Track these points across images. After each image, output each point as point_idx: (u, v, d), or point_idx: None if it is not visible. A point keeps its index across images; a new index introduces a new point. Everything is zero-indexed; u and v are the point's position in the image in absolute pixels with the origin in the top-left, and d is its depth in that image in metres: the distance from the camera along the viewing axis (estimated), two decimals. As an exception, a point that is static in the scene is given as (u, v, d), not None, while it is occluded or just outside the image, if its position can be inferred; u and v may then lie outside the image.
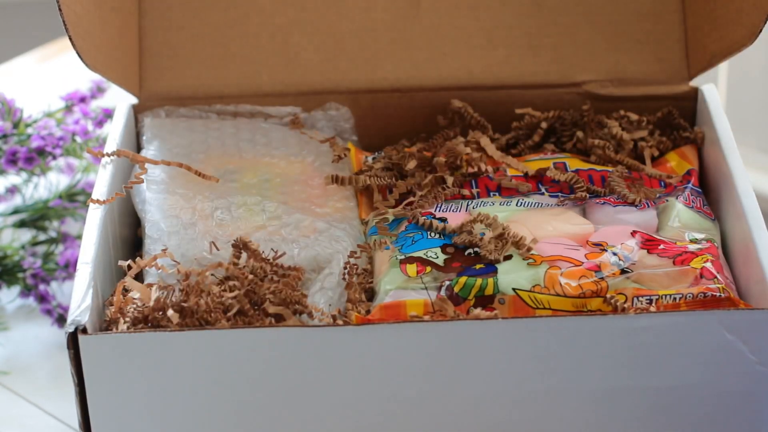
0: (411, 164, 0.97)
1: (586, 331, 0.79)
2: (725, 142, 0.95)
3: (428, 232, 0.89)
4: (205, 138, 1.02)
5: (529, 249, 0.85)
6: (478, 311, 0.81)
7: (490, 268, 0.84)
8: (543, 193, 0.94)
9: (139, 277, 0.89)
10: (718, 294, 0.82)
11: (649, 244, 0.86)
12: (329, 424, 0.82)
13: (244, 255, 0.88)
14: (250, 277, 0.85)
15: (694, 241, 0.88)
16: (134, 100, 1.07)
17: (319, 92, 1.05)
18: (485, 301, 0.83)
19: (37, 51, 1.64)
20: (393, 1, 1.08)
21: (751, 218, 0.87)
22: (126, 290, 0.86)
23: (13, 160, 1.16)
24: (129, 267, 0.87)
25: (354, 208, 0.96)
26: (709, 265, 0.85)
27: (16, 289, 1.18)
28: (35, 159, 1.15)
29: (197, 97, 1.07)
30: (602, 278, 0.83)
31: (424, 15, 1.08)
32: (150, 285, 0.86)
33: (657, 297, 0.83)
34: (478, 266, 0.85)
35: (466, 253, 0.87)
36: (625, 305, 0.82)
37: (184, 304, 0.83)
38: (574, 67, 1.07)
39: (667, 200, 0.92)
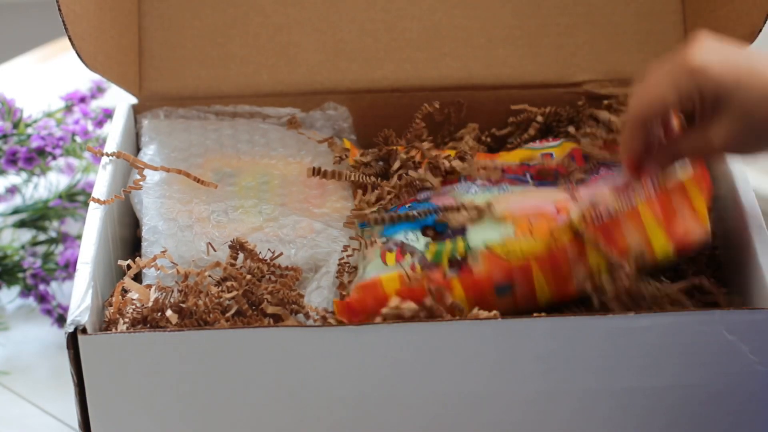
0: (396, 164, 0.97)
1: (585, 331, 0.79)
2: (725, 142, 0.95)
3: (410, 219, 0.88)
4: (204, 140, 1.02)
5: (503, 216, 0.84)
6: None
7: (458, 231, 0.84)
8: (527, 182, 0.93)
9: (138, 278, 0.89)
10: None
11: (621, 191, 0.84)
12: (328, 424, 0.82)
13: (241, 256, 0.88)
14: (248, 277, 0.85)
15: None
16: (134, 100, 1.07)
17: (319, 92, 1.05)
18: (459, 263, 0.82)
19: (37, 51, 1.64)
20: (393, 1, 1.08)
21: (751, 218, 0.87)
22: (125, 291, 0.86)
23: (13, 160, 1.16)
24: (128, 267, 0.87)
25: (352, 208, 0.96)
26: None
27: (16, 289, 1.18)
28: (35, 159, 1.15)
29: (197, 97, 1.07)
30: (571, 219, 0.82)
31: (424, 15, 1.08)
32: (149, 286, 0.86)
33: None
34: (450, 229, 0.84)
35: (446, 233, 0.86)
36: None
37: (183, 305, 0.83)
38: (574, 67, 1.07)
39: None
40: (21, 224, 1.23)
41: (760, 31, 0.97)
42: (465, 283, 0.81)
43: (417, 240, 0.85)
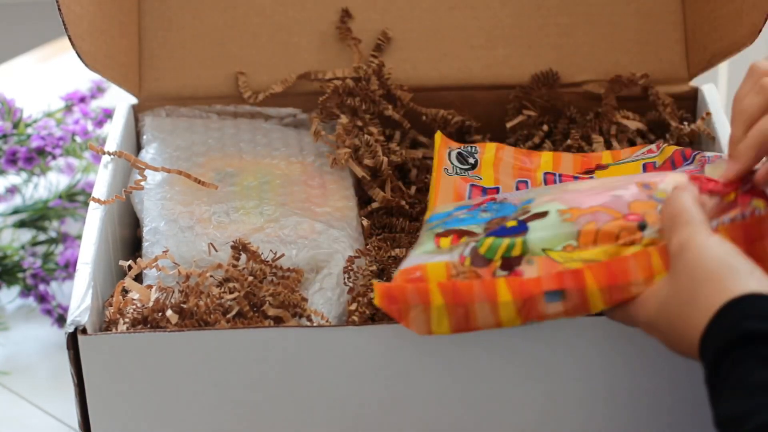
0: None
1: (586, 331, 0.79)
2: (725, 142, 0.95)
3: (477, 214, 0.82)
4: (206, 139, 1.02)
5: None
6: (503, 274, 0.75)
7: (522, 227, 0.77)
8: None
9: (138, 278, 0.89)
10: (756, 211, 0.73)
11: (704, 183, 0.77)
12: (328, 424, 0.82)
13: (243, 257, 0.88)
14: (250, 278, 0.85)
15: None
16: (134, 100, 1.07)
17: (320, 92, 1.05)
18: (512, 262, 0.76)
19: (37, 51, 1.64)
20: (393, 1, 1.08)
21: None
22: (125, 291, 0.86)
23: (13, 160, 1.16)
24: (129, 267, 0.87)
25: (353, 208, 0.96)
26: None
27: (16, 289, 1.18)
28: (35, 159, 1.15)
29: (197, 97, 1.07)
30: (642, 228, 0.75)
31: (424, 15, 1.08)
32: (149, 286, 0.86)
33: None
34: (509, 224, 0.78)
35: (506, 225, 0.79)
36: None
37: (184, 305, 0.83)
38: (574, 67, 1.07)
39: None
40: (21, 224, 1.23)
41: (760, 31, 0.97)
42: (513, 286, 0.74)
43: (478, 232, 0.79)
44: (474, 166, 0.93)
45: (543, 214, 0.77)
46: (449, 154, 0.94)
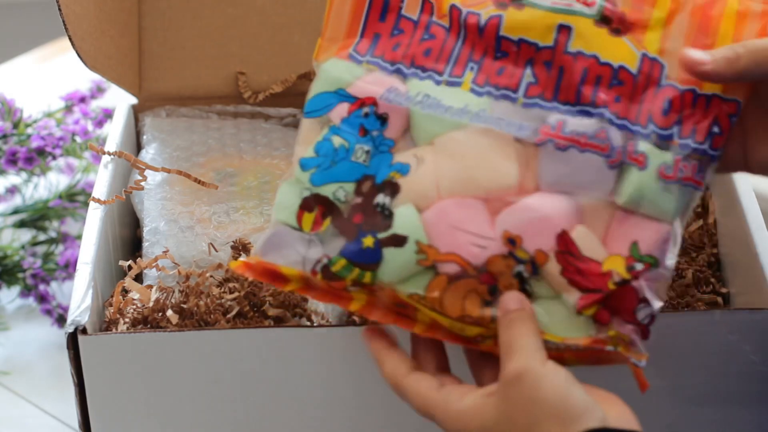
0: None
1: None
2: (725, 142, 0.95)
3: (353, 153, 0.75)
4: (206, 139, 1.02)
5: (421, 251, 0.72)
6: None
7: (376, 255, 0.72)
8: (516, 99, 0.74)
9: (138, 278, 0.89)
10: (608, 348, 0.69)
11: (568, 261, 0.71)
12: (328, 424, 0.82)
13: (243, 257, 0.88)
14: (250, 278, 0.85)
15: (632, 262, 0.70)
16: (134, 100, 1.07)
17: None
18: (363, 285, 0.73)
19: (37, 51, 1.64)
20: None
21: (751, 218, 0.87)
22: (125, 291, 0.86)
23: (13, 160, 1.16)
24: (129, 267, 0.87)
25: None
26: (603, 307, 0.70)
27: (16, 289, 1.17)
28: (35, 159, 1.15)
29: (197, 97, 1.07)
30: (490, 304, 0.71)
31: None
32: (150, 286, 0.86)
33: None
34: (365, 244, 0.73)
35: (375, 202, 0.73)
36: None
37: (184, 305, 0.83)
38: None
39: (644, 156, 0.72)
40: (21, 224, 1.23)
41: (761, 31, 0.97)
42: (366, 307, 0.74)
43: (344, 201, 0.74)
44: None
45: (401, 241, 0.72)
46: None
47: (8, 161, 1.16)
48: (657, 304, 0.70)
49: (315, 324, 0.84)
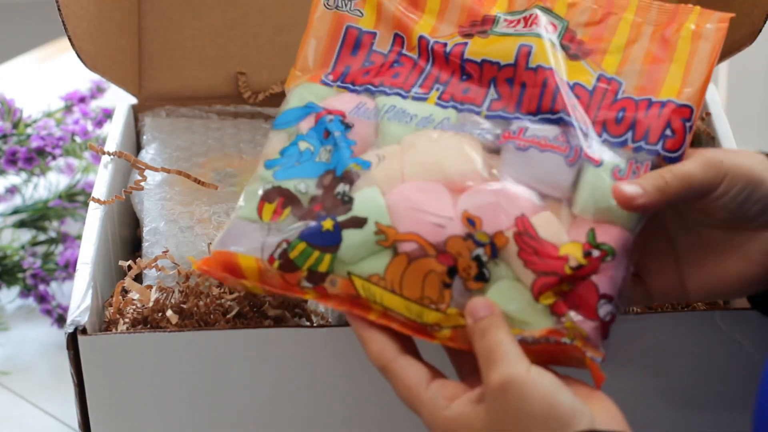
0: None
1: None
2: (725, 142, 0.95)
3: (316, 155, 0.76)
4: (206, 139, 1.02)
5: (380, 231, 0.72)
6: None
7: (335, 238, 0.72)
8: (480, 112, 0.76)
9: (138, 279, 0.89)
10: (564, 340, 0.69)
11: (525, 242, 0.71)
12: (328, 424, 0.82)
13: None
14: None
15: (589, 248, 0.71)
16: (134, 100, 1.07)
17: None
18: (317, 277, 0.73)
19: (37, 51, 1.64)
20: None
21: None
22: (125, 291, 0.86)
23: (13, 160, 1.16)
24: (129, 267, 0.87)
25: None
26: (561, 299, 0.70)
27: (16, 289, 1.18)
28: (35, 159, 1.15)
29: (197, 97, 1.07)
30: (448, 286, 0.71)
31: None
32: (149, 286, 0.86)
33: None
34: (325, 227, 0.73)
35: (335, 192, 0.74)
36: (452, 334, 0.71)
37: (184, 305, 0.83)
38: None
39: (599, 158, 0.73)
40: (21, 224, 1.23)
41: (760, 31, 0.97)
42: (320, 299, 0.73)
43: (305, 192, 0.74)
44: None
45: (361, 222, 0.72)
46: None
47: (8, 161, 1.16)
48: (618, 303, 0.71)
49: (315, 324, 0.84)
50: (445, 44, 0.78)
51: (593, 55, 0.76)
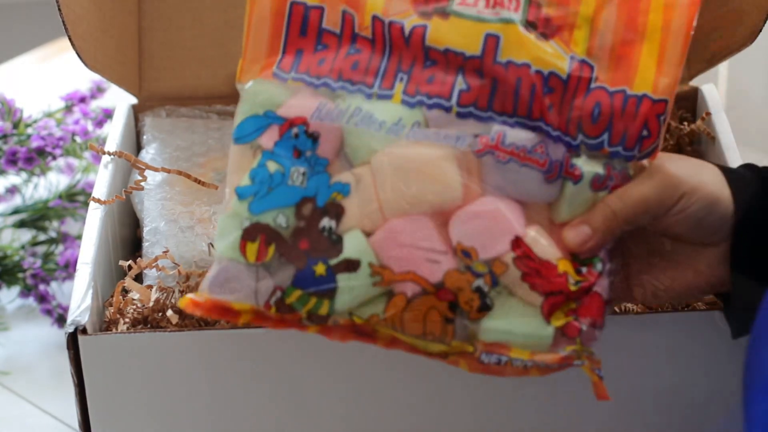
0: None
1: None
2: (725, 142, 0.95)
3: (289, 177, 0.73)
4: (206, 139, 1.02)
5: (376, 272, 0.71)
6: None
7: (329, 281, 0.71)
8: (450, 108, 0.72)
9: (138, 278, 0.89)
10: (576, 362, 0.70)
11: (527, 264, 0.71)
12: (328, 424, 0.82)
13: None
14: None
15: (576, 264, 0.72)
16: (134, 100, 1.07)
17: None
18: (319, 319, 0.72)
19: (37, 51, 1.64)
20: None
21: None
22: (125, 291, 0.86)
23: (13, 160, 1.16)
24: (129, 267, 0.87)
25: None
26: (573, 319, 0.71)
27: (16, 289, 1.18)
28: (35, 159, 1.15)
29: (197, 97, 1.07)
30: (451, 321, 0.71)
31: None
32: (150, 286, 0.86)
33: (507, 359, 0.72)
34: (318, 272, 0.72)
35: (320, 226, 0.72)
36: (467, 360, 0.72)
37: (184, 305, 0.83)
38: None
39: (579, 170, 0.72)
40: (21, 224, 1.23)
41: (760, 31, 0.97)
42: (324, 333, 0.74)
43: (286, 226, 0.72)
44: None
45: (355, 265, 0.71)
46: None
47: (8, 161, 1.16)
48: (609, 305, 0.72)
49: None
50: (402, 25, 0.73)
51: (561, 32, 0.72)
